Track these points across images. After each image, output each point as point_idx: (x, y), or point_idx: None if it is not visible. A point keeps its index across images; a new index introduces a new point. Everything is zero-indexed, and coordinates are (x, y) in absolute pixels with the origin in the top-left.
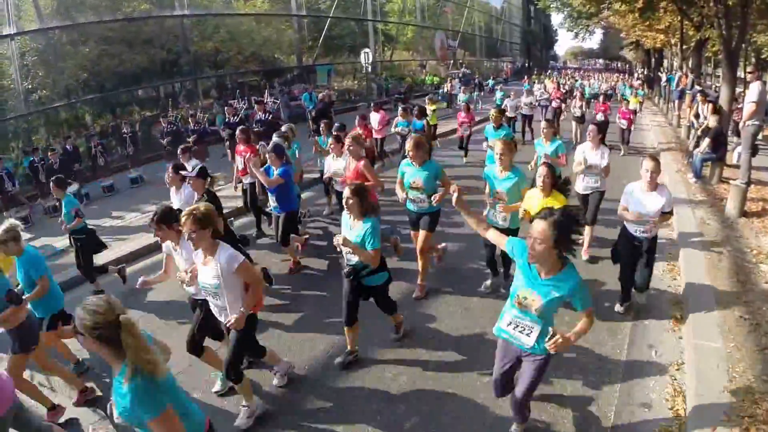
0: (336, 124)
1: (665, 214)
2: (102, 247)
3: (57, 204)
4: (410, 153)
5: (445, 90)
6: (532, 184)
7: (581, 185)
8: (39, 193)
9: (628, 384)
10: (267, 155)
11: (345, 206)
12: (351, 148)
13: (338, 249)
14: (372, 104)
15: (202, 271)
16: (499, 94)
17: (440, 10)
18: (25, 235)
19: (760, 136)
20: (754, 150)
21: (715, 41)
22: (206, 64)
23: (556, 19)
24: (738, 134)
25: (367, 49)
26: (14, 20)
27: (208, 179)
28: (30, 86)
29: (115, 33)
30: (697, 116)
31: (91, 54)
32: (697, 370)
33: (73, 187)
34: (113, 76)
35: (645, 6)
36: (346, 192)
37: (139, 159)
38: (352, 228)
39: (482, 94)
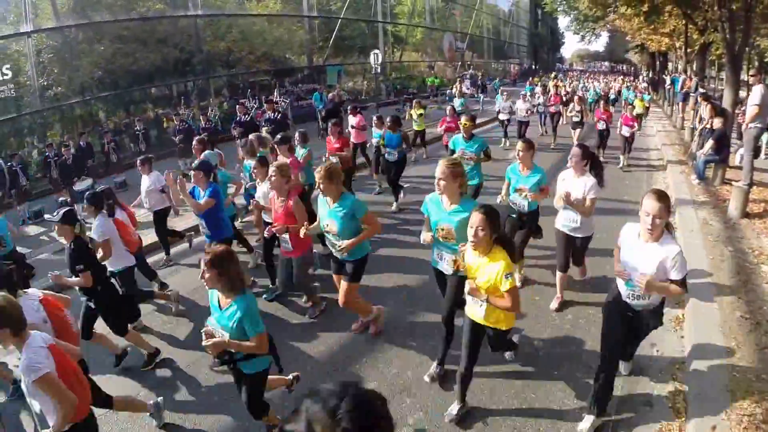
0: (278, 136)
1: (674, 282)
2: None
3: (70, 199)
4: (320, 185)
5: (454, 91)
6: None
7: (560, 219)
8: (52, 188)
9: (629, 381)
10: (193, 174)
11: (203, 280)
12: (273, 178)
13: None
14: (349, 107)
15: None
16: (498, 97)
17: (449, 12)
18: (38, 229)
19: (765, 138)
20: (756, 152)
21: (719, 45)
22: (218, 64)
23: (563, 22)
24: (741, 136)
25: (376, 50)
26: (31, 18)
27: (77, 224)
28: (45, 83)
29: (129, 32)
30: (702, 119)
31: (106, 52)
32: (698, 368)
33: (87, 183)
34: (127, 74)
35: (650, 10)
36: (202, 262)
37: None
38: (221, 308)
39: (484, 96)
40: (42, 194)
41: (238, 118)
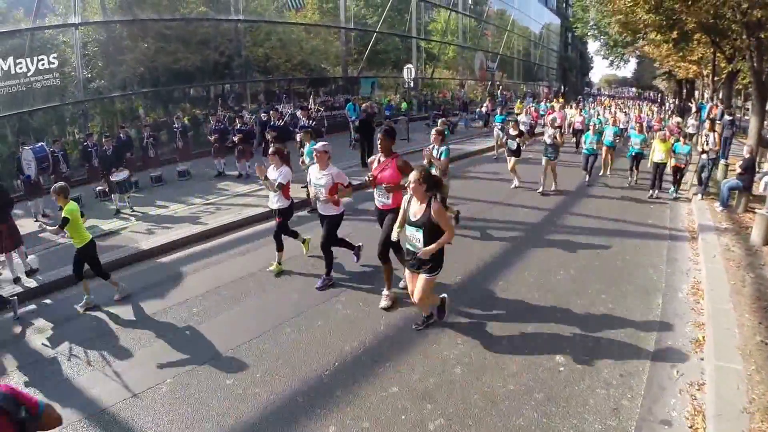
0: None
1: None
2: None
3: (107, 188)
4: None
5: (483, 110)
6: None
7: None
8: (89, 177)
9: (649, 400)
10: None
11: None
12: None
13: None
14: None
15: None
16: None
17: (481, 32)
18: None
19: None
20: None
21: (746, 73)
22: (256, 69)
23: (593, 46)
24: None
25: (410, 65)
26: (79, 11)
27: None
28: (89, 75)
29: (172, 32)
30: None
31: (149, 50)
32: (717, 390)
33: (124, 174)
34: (168, 73)
35: (679, 37)
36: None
37: (187, 154)
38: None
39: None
40: (79, 182)
41: (272, 123)
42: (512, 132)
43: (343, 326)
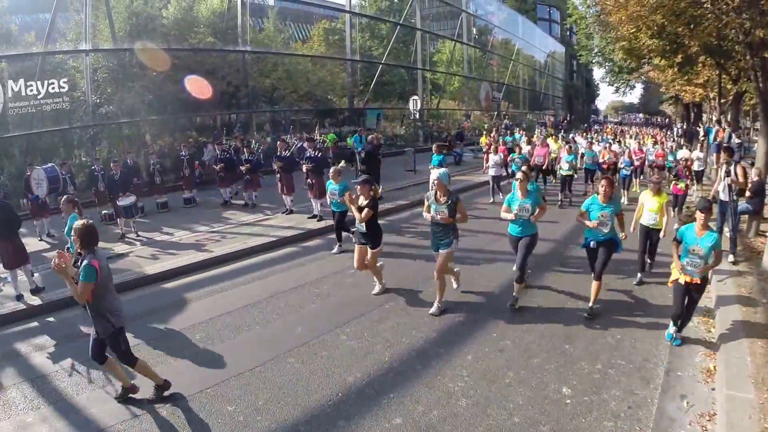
0: None
1: None
2: None
3: (113, 212)
4: None
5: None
6: None
7: None
8: (96, 200)
9: None
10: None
11: None
12: None
13: None
14: None
15: None
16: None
17: (486, 62)
18: None
19: None
20: None
21: (752, 94)
22: (262, 99)
23: (598, 73)
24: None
25: (415, 96)
26: (90, 38)
27: None
28: (98, 101)
29: (181, 61)
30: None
31: (157, 78)
32: (728, 420)
33: (131, 199)
34: (175, 101)
35: (684, 61)
36: None
37: (193, 182)
38: None
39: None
40: (85, 206)
41: (278, 153)
42: (363, 201)
43: (348, 357)
